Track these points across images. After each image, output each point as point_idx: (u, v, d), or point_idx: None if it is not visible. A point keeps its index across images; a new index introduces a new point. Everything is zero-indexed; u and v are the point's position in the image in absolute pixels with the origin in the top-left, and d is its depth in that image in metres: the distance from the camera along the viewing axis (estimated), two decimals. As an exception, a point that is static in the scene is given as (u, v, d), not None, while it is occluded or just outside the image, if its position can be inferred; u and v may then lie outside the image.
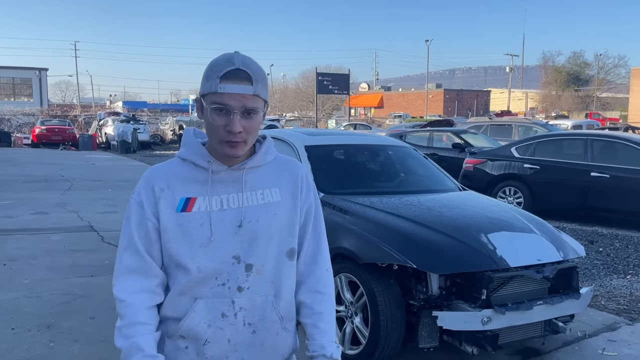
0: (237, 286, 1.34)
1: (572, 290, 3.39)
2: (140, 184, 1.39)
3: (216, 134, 1.31)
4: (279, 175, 1.43)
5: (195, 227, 1.33)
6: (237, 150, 1.32)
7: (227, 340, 1.35)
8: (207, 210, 1.34)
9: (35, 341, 3.61)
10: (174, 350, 1.37)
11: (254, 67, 1.30)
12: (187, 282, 1.34)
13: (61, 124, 27.21)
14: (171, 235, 1.34)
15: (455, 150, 11.39)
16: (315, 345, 1.42)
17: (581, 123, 21.30)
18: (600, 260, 6.15)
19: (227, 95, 1.27)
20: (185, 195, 1.35)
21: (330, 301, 1.48)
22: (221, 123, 1.28)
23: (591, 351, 3.65)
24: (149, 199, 1.35)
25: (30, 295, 4.52)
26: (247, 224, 1.35)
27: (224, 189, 1.36)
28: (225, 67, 1.27)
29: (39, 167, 15.31)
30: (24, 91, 43.16)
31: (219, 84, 1.27)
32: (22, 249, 6.02)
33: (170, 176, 1.37)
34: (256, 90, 1.29)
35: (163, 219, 1.34)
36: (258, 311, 1.37)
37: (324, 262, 1.50)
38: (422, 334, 3.14)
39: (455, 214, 3.67)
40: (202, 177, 1.36)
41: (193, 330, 1.34)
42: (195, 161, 1.37)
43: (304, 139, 4.62)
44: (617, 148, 7.96)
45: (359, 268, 3.31)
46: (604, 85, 60.14)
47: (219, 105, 1.28)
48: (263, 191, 1.39)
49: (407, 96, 63.48)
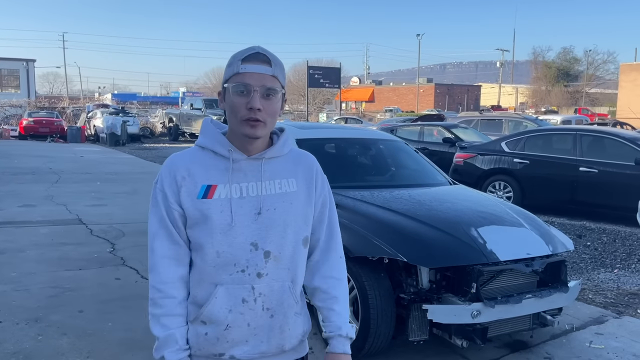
0: (257, 272, 1.40)
1: (561, 284, 3.42)
2: (163, 173, 1.43)
3: (237, 114, 1.37)
4: (295, 167, 1.49)
5: (216, 214, 1.37)
6: (256, 130, 1.37)
7: (247, 324, 1.41)
8: (228, 198, 1.39)
9: (23, 335, 3.58)
10: (194, 336, 1.42)
11: (273, 54, 1.41)
12: (206, 267, 1.39)
13: (49, 116, 26.89)
14: (193, 221, 1.39)
15: (446, 145, 11.43)
16: (332, 326, 1.51)
17: (570, 118, 21.47)
18: (588, 254, 6.21)
19: (248, 75, 1.36)
20: (207, 183, 1.39)
21: (344, 286, 1.58)
22: (243, 102, 1.36)
23: (579, 344, 3.69)
24: (172, 187, 1.40)
25: (18, 288, 4.47)
26: (265, 212, 1.41)
27: (243, 177, 1.41)
28: (246, 52, 1.38)
29: (27, 160, 15.14)
30: (11, 82, 42.60)
31: (241, 65, 1.36)
32: (10, 242, 5.96)
33: (191, 164, 1.42)
34: (275, 72, 1.38)
35: (186, 205, 1.39)
36: (276, 296, 1.43)
37: (338, 250, 1.58)
38: (412, 327, 3.15)
39: (446, 208, 3.68)
40: (222, 165, 1.41)
41: (215, 316, 1.39)
42: (215, 149, 1.42)
43: (296, 133, 4.60)
44: (606, 143, 8.03)
45: (349, 261, 3.29)
46: (593, 81, 60.60)
47: (241, 84, 1.35)
48: (280, 181, 1.45)
49: (398, 90, 63.54)
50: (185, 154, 1.47)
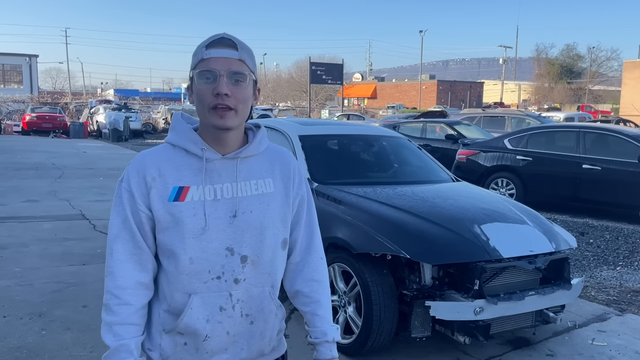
0: (234, 278, 1.33)
1: (564, 281, 3.42)
2: (130, 172, 1.33)
3: (205, 102, 1.28)
4: (271, 166, 1.42)
5: (188, 217, 1.29)
6: (226, 120, 1.29)
7: (226, 332, 1.35)
8: (201, 200, 1.30)
9: (27, 329, 3.60)
10: (172, 346, 1.35)
11: (239, 39, 1.33)
12: (178, 275, 1.31)
13: (52, 111, 26.94)
14: (163, 225, 1.30)
15: (449, 142, 11.41)
16: (317, 332, 1.48)
17: (573, 115, 21.41)
18: (591, 251, 6.21)
19: (213, 60, 1.28)
20: (178, 184, 1.31)
21: (327, 288, 1.53)
22: (209, 88, 1.27)
23: (581, 341, 3.69)
24: (140, 188, 1.31)
25: (22, 283, 4.49)
26: (241, 215, 1.33)
27: (217, 178, 1.33)
28: (211, 38, 1.32)
29: (30, 155, 15.17)
30: (13, 78, 42.61)
31: (205, 51, 1.29)
32: (13, 237, 5.98)
33: (162, 163, 1.33)
34: (241, 56, 1.30)
35: (155, 208, 1.30)
36: (255, 302, 1.37)
37: (318, 251, 1.52)
38: (414, 324, 3.16)
39: (449, 205, 3.68)
40: (195, 165, 1.33)
41: (192, 327, 1.32)
42: (187, 147, 1.34)
43: (298, 129, 4.60)
44: (609, 140, 8.00)
45: (352, 258, 3.31)
46: (596, 78, 60.35)
47: (206, 70, 1.28)
48: (257, 182, 1.38)
49: (400, 87, 63.41)
50: (156, 151, 1.37)
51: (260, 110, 31.98)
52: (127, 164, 1.37)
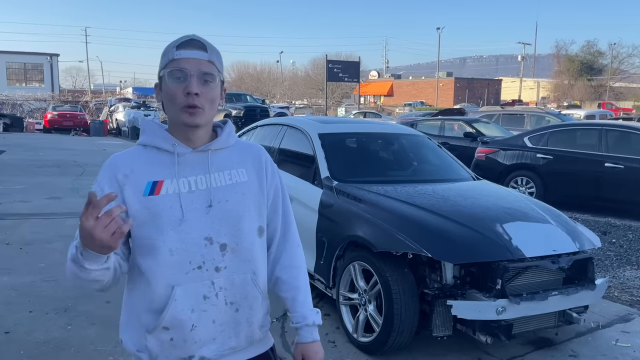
0: (215, 267, 1.36)
1: (587, 281, 3.38)
2: (102, 174, 1.36)
3: (175, 102, 1.33)
4: (243, 157, 1.47)
5: (165, 210, 1.32)
6: (195, 118, 1.33)
7: (212, 321, 1.37)
8: (176, 192, 1.34)
9: (52, 324, 3.67)
10: (158, 345, 1.36)
11: (208, 42, 1.38)
12: (159, 268, 1.33)
13: (72, 109, 27.37)
14: (141, 220, 1.32)
15: (467, 140, 11.32)
16: (298, 316, 1.53)
17: (594, 113, 21.11)
18: (614, 251, 6.12)
19: (184, 60, 1.32)
20: (152, 179, 1.34)
21: (305, 273, 1.59)
22: (180, 88, 1.32)
23: (604, 342, 3.65)
24: (112, 187, 1.33)
25: (47, 278, 4.58)
26: (217, 204, 1.37)
27: (190, 170, 1.37)
28: (181, 39, 1.36)
29: (52, 152, 15.42)
30: (35, 76, 43.33)
31: (176, 52, 1.33)
32: (37, 234, 6.09)
33: (134, 162, 1.37)
34: (211, 57, 1.35)
35: (130, 204, 1.32)
36: (238, 290, 1.40)
37: (295, 239, 1.58)
38: (436, 323, 3.15)
39: (470, 204, 3.66)
40: (167, 160, 1.37)
41: (177, 319, 1.33)
42: (158, 145, 1.38)
43: (318, 127, 4.61)
44: (632, 138, 7.86)
45: (373, 256, 3.31)
46: (617, 74, 59.31)
47: (177, 70, 1.32)
48: (230, 172, 1.42)
49: (417, 84, 63.06)
50: (127, 153, 1.41)
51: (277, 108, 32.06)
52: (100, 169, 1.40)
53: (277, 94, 66.18)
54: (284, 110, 31.49)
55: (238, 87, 62.76)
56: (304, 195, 4.15)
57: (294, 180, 4.37)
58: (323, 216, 3.89)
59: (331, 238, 3.76)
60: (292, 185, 4.34)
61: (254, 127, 5.69)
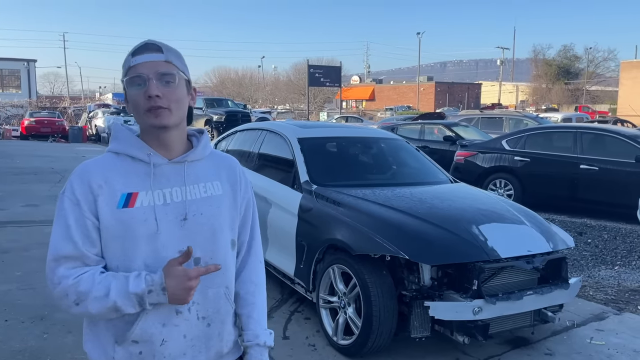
0: None
1: (561, 281, 3.45)
2: (74, 181, 1.29)
3: (139, 107, 1.31)
4: (218, 170, 1.44)
5: (139, 223, 1.28)
6: (161, 118, 1.30)
7: (183, 336, 1.34)
8: (151, 205, 1.30)
9: (28, 333, 3.62)
10: (127, 357, 1.32)
11: (164, 43, 1.36)
12: None
13: (50, 115, 26.93)
14: (113, 233, 1.28)
15: (447, 143, 11.44)
16: (250, 334, 1.48)
17: (571, 116, 21.47)
18: (589, 251, 6.24)
19: (140, 65, 1.30)
20: (126, 191, 1.29)
21: (263, 291, 1.55)
22: (140, 93, 1.29)
23: (579, 340, 3.72)
24: (86, 196, 1.27)
25: (23, 287, 4.51)
26: (191, 217, 1.34)
27: (166, 182, 1.33)
28: (136, 46, 1.33)
29: (29, 160, 15.17)
30: (12, 83, 42.65)
31: (132, 59, 1.31)
32: (14, 242, 6.00)
33: (107, 171, 1.31)
34: (167, 57, 1.32)
35: (103, 216, 1.27)
36: (211, 304, 1.38)
37: (258, 254, 1.55)
38: (414, 324, 3.18)
39: (447, 206, 3.71)
40: (142, 170, 1.32)
41: (148, 333, 1.30)
42: (132, 154, 1.33)
43: (297, 132, 4.63)
44: (606, 141, 8.04)
45: (351, 259, 3.34)
46: (593, 78, 60.46)
47: (135, 75, 1.30)
48: (205, 184, 1.39)
49: (398, 89, 63.50)
50: (99, 160, 1.34)
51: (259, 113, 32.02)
52: (69, 175, 1.33)
53: (259, 98, 66.09)
54: (265, 115, 31.46)
55: (219, 92, 62.54)
56: (283, 200, 4.16)
57: (273, 185, 4.38)
58: (303, 220, 3.90)
59: (311, 242, 3.78)
60: (272, 189, 4.35)
61: (234, 132, 5.69)
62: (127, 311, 1.25)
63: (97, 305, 1.24)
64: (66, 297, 1.25)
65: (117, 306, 1.24)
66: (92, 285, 1.24)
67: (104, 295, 1.24)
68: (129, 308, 1.24)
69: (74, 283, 1.24)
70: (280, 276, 4.17)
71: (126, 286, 1.24)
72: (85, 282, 1.24)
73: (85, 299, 1.24)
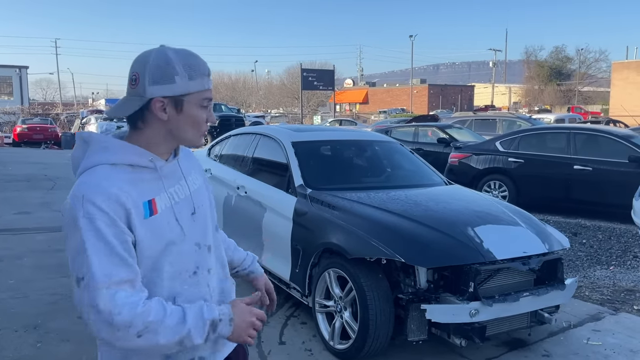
0: (207, 269, 1.42)
1: (557, 282, 3.45)
2: (96, 199, 1.19)
3: (200, 128, 1.36)
4: (189, 162, 1.52)
5: (164, 228, 1.30)
6: None
7: None
8: (169, 207, 1.33)
9: (22, 342, 3.57)
10: None
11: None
12: (160, 282, 1.30)
13: (43, 122, 26.82)
14: (147, 244, 1.26)
15: (441, 145, 11.47)
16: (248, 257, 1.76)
17: (563, 117, 21.58)
18: (584, 251, 6.25)
19: (211, 91, 1.38)
20: (145, 199, 1.28)
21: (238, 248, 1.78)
22: (205, 116, 1.35)
23: (576, 341, 3.72)
24: (118, 212, 1.21)
25: (17, 295, 4.46)
26: (198, 210, 1.43)
27: (170, 182, 1.37)
28: (204, 65, 1.35)
29: (21, 167, 15.07)
30: (4, 89, 42.41)
31: (207, 80, 1.35)
32: (7, 249, 5.94)
33: (120, 183, 1.25)
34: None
35: (138, 230, 1.24)
36: (220, 285, 1.48)
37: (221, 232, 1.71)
38: (410, 328, 3.17)
39: (442, 208, 3.70)
40: (147, 176, 1.31)
41: None
42: (133, 162, 1.29)
43: (291, 135, 4.62)
44: (599, 141, 8.08)
45: (347, 263, 3.33)
46: (585, 79, 60.87)
47: (206, 99, 1.34)
48: (192, 177, 1.47)
49: (392, 92, 63.66)
50: (103, 174, 1.25)
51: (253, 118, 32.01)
52: (74, 197, 1.24)
53: (252, 103, 66.07)
54: (259, 119, 31.45)
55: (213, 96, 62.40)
56: (278, 204, 4.14)
57: (268, 189, 4.36)
58: (297, 224, 3.89)
59: (306, 246, 3.76)
60: (267, 194, 4.33)
61: (228, 137, 5.67)
62: (194, 342, 1.23)
63: (169, 335, 1.20)
64: (129, 327, 1.16)
65: (190, 335, 1.22)
66: (164, 313, 1.21)
67: (180, 323, 1.22)
68: (198, 338, 1.23)
69: (143, 312, 1.18)
70: (275, 281, 4.14)
71: (201, 313, 1.25)
72: (156, 311, 1.20)
73: (156, 328, 1.19)
